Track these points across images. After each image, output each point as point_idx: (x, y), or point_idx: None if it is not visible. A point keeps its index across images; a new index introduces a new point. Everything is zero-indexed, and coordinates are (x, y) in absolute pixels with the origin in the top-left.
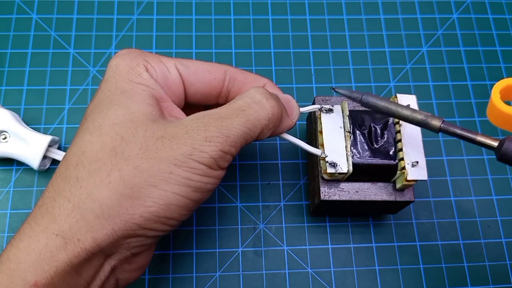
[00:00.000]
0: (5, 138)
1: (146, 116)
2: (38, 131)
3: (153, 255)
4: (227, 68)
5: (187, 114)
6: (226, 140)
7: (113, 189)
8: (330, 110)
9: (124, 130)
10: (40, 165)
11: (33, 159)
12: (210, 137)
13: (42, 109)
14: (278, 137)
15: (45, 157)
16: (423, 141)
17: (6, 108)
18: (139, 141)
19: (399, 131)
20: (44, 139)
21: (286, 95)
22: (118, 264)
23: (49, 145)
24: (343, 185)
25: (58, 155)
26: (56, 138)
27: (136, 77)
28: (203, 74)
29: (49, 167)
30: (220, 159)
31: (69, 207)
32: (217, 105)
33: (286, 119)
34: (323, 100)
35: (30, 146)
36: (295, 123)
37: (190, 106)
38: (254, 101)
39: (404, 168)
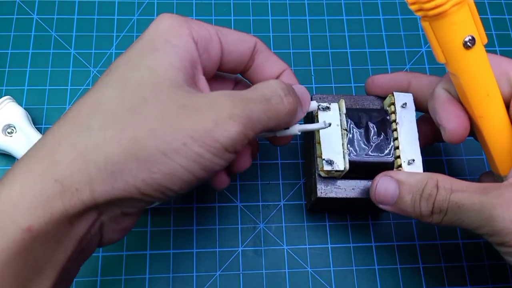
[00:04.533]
0: (11, 132)
1: (172, 81)
2: (40, 124)
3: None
4: (257, 40)
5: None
6: (248, 122)
7: (123, 147)
8: (327, 108)
9: (147, 91)
10: None
11: None
12: (235, 115)
13: (43, 109)
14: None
15: None
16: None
17: (20, 106)
18: (160, 105)
19: (395, 129)
20: None
21: (301, 86)
22: (107, 221)
23: None
24: (339, 182)
25: None
26: None
27: (174, 37)
28: (239, 43)
29: None
30: (239, 141)
31: (73, 154)
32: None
33: (299, 113)
34: (320, 98)
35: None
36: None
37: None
38: (276, 94)
39: (400, 166)
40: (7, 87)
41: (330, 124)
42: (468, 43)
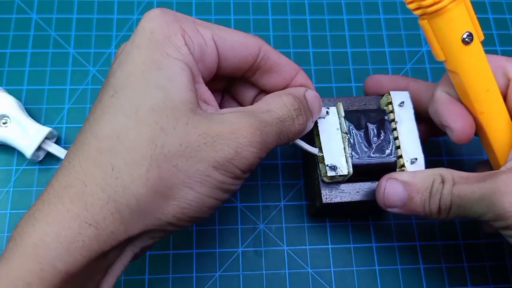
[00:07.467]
0: (5, 122)
1: (186, 105)
2: (38, 122)
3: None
4: (262, 44)
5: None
6: (264, 146)
7: (151, 187)
8: (326, 113)
9: (164, 119)
10: (33, 155)
11: (28, 148)
12: (255, 142)
13: (42, 109)
14: None
15: (40, 148)
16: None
17: (11, 95)
18: (179, 135)
19: (395, 129)
20: (43, 130)
21: (314, 93)
22: (135, 247)
23: (47, 138)
24: (343, 186)
25: (54, 148)
26: (55, 132)
27: (173, 50)
28: (239, 49)
29: (48, 164)
30: (255, 164)
31: (104, 197)
32: (241, 78)
33: (309, 125)
34: None
35: (28, 134)
36: None
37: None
38: (289, 116)
39: (403, 165)
40: (6, 87)
41: (322, 154)
42: (466, 39)
